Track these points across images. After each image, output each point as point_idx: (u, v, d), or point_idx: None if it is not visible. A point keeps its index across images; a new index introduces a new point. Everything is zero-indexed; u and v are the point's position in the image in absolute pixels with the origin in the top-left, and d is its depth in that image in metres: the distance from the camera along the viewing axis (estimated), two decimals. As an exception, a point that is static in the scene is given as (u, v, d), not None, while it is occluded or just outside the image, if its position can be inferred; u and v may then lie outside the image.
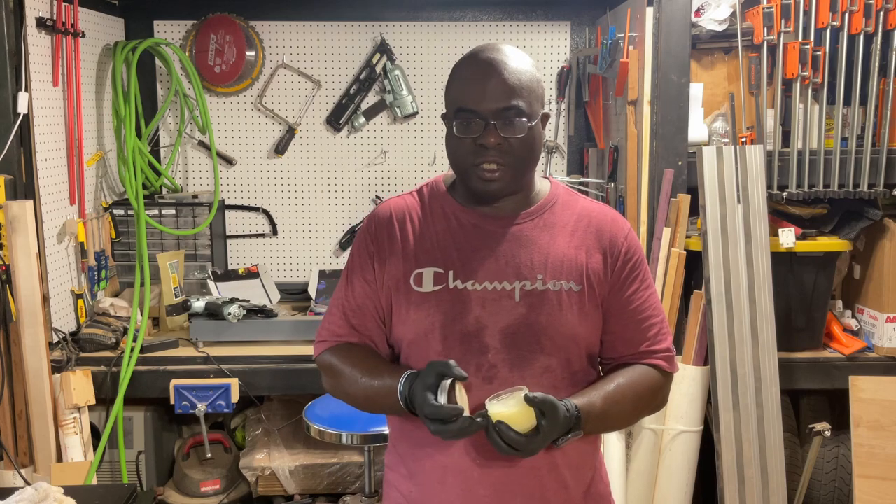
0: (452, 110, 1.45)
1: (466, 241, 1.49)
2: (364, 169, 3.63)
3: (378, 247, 1.53)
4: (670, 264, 2.80)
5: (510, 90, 1.41)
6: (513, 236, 1.49)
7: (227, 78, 3.49)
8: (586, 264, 1.49)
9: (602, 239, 1.52)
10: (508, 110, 1.41)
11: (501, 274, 1.47)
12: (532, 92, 1.44)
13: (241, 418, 3.34)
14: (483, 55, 1.45)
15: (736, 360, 2.70)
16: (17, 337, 2.60)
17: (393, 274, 1.50)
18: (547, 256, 1.48)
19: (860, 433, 2.77)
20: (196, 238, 3.36)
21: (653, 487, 2.90)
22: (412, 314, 1.48)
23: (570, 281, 1.47)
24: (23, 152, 2.71)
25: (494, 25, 3.57)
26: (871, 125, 2.84)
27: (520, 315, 1.45)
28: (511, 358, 1.44)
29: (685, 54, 2.79)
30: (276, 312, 3.09)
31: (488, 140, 1.41)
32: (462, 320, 1.45)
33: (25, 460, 2.64)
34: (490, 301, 1.46)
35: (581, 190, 3.50)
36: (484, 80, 1.42)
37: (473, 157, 1.44)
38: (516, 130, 1.42)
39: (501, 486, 1.46)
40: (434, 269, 1.48)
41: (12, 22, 2.64)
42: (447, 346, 1.45)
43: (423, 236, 1.51)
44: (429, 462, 1.49)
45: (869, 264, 3.00)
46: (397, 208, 1.56)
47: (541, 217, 1.52)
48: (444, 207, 1.53)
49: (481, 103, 1.41)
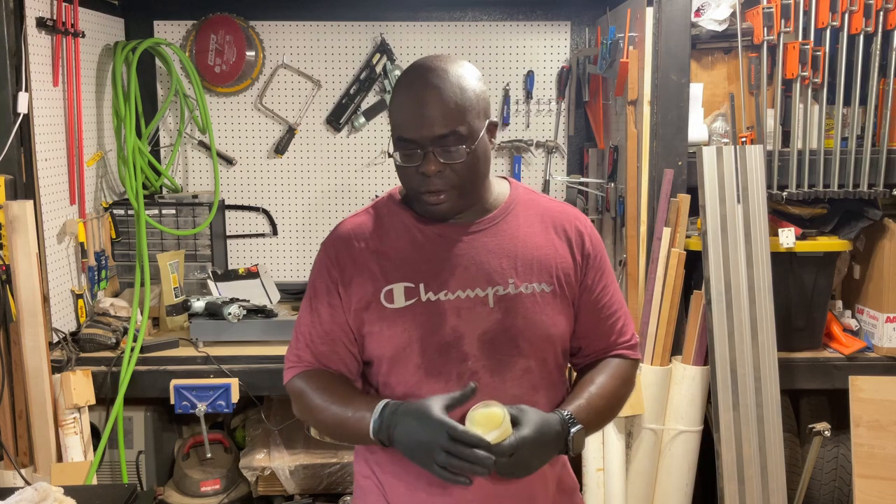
0: (394, 137, 1.44)
1: (433, 252, 1.48)
2: (364, 169, 3.63)
3: (341, 270, 1.50)
4: (670, 264, 2.80)
5: (448, 116, 1.38)
6: (479, 243, 1.49)
7: (227, 78, 3.50)
8: (555, 264, 1.50)
9: (567, 238, 1.53)
10: (446, 137, 1.39)
11: (473, 281, 1.46)
12: (471, 110, 1.41)
13: (241, 418, 3.34)
14: (421, 78, 1.41)
15: (736, 360, 2.70)
16: (17, 337, 2.60)
17: (361, 295, 1.48)
18: (515, 259, 1.48)
19: (860, 433, 2.77)
20: (196, 238, 3.36)
21: (653, 487, 2.90)
22: (386, 331, 1.46)
23: (541, 283, 1.48)
24: (23, 152, 2.70)
25: (494, 25, 3.57)
26: (871, 125, 2.84)
27: (496, 321, 1.45)
28: (491, 364, 1.45)
29: (685, 54, 2.79)
30: (276, 312, 3.09)
31: (428, 168, 1.40)
32: (439, 331, 1.45)
33: (25, 460, 2.64)
34: (465, 309, 1.45)
35: (581, 190, 3.50)
36: (420, 107, 1.39)
37: (418, 185, 1.43)
38: (455, 157, 1.40)
39: (490, 491, 1.45)
40: (404, 283, 1.47)
41: (12, 22, 2.64)
42: (426, 358, 1.45)
43: (386, 253, 1.49)
44: (414, 474, 1.46)
45: (869, 264, 3.00)
46: (355, 228, 1.54)
47: (504, 220, 1.52)
48: (404, 221, 1.52)
49: (419, 131, 1.39)
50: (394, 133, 1.45)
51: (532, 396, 1.47)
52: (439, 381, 1.44)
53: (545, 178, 3.58)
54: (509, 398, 1.43)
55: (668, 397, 2.85)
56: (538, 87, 3.59)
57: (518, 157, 3.60)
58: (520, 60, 3.58)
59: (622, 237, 3.10)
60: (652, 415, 2.83)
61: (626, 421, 2.86)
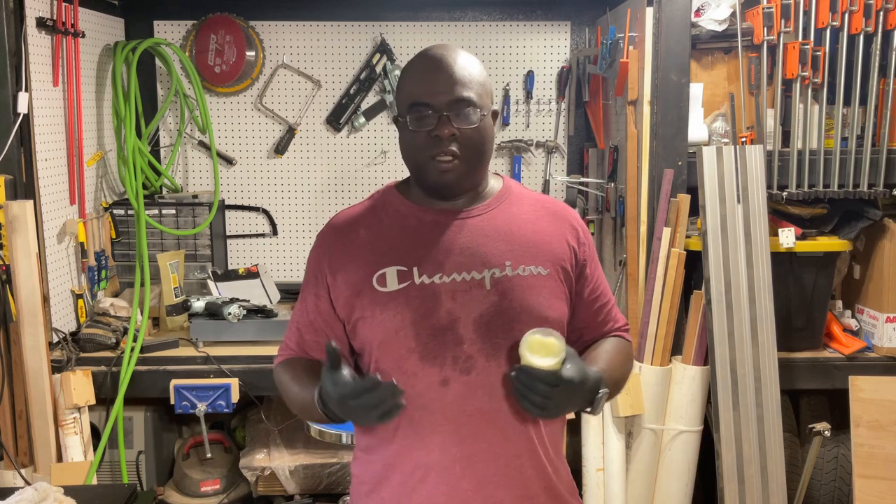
0: (406, 106, 1.48)
1: (428, 237, 1.50)
2: (364, 169, 3.63)
3: (330, 259, 1.53)
4: (670, 264, 2.80)
5: (461, 82, 1.45)
6: (474, 227, 1.50)
7: (227, 78, 3.50)
8: (551, 249, 1.52)
9: (562, 224, 1.56)
10: (460, 101, 1.44)
11: (469, 264, 1.47)
12: (482, 86, 1.48)
13: (241, 418, 3.34)
14: (432, 52, 1.50)
15: (736, 360, 2.70)
16: (17, 337, 2.60)
17: (352, 281, 1.49)
18: (511, 243, 1.50)
19: (860, 433, 2.77)
20: (196, 238, 3.36)
21: (653, 487, 2.90)
22: (379, 315, 1.46)
23: (538, 266, 1.49)
24: (23, 152, 2.71)
25: (494, 25, 3.57)
26: (871, 125, 2.84)
27: (492, 303, 1.45)
28: (486, 347, 1.44)
29: (685, 54, 2.79)
30: (276, 312, 3.09)
31: (442, 131, 1.43)
32: (433, 314, 1.45)
33: (25, 460, 2.64)
34: (460, 292, 1.46)
35: (581, 190, 3.50)
36: (435, 73, 1.46)
37: (429, 150, 1.45)
38: (469, 121, 1.44)
39: (485, 479, 1.46)
40: (397, 267, 1.47)
41: (12, 22, 2.64)
42: (420, 342, 1.44)
43: (380, 238, 1.52)
44: (408, 462, 1.47)
45: (869, 264, 3.00)
46: (349, 217, 1.58)
47: (498, 207, 1.54)
48: (399, 209, 1.54)
49: (434, 96, 1.44)
50: (404, 102, 1.48)
51: None
52: (434, 366, 1.44)
53: (545, 178, 3.58)
54: (505, 382, 1.44)
55: (668, 397, 2.85)
56: (538, 87, 3.59)
57: (518, 157, 3.60)
58: (520, 60, 3.58)
59: (622, 237, 3.10)
60: (652, 415, 2.83)
61: (626, 421, 2.86)
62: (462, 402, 1.43)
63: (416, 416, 1.44)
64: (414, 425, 1.45)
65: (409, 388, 1.41)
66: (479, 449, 1.44)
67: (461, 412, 1.44)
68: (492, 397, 1.44)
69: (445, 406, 1.44)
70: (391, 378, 1.39)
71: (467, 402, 1.44)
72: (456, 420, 1.44)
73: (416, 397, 1.43)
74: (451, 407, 1.44)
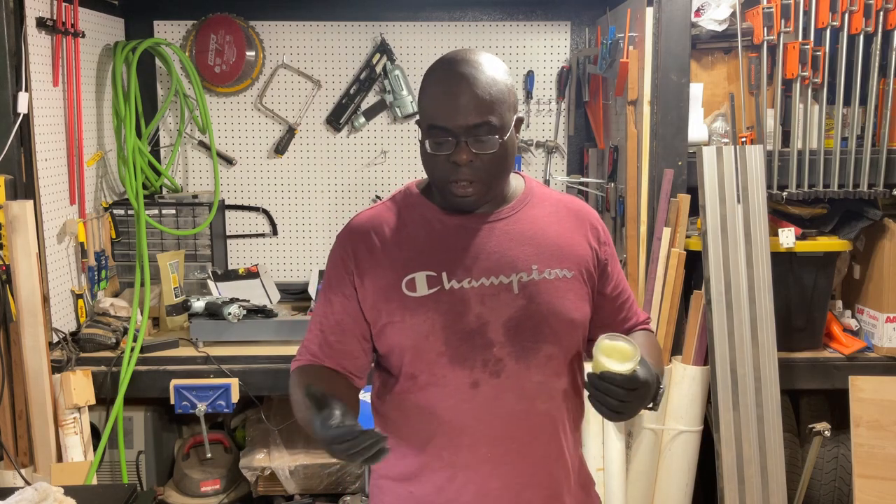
0: (425, 125, 1.45)
1: (454, 242, 1.49)
2: (364, 169, 3.63)
3: (357, 261, 1.50)
4: (670, 264, 2.80)
5: (481, 106, 1.39)
6: (500, 231, 1.50)
7: (227, 78, 3.50)
8: (575, 252, 1.52)
9: (583, 225, 1.56)
10: (479, 127, 1.40)
11: (496, 269, 1.47)
12: (504, 103, 1.42)
13: (241, 418, 3.34)
14: (455, 69, 1.42)
15: (736, 360, 2.70)
16: (17, 337, 2.60)
17: (380, 285, 1.48)
18: (537, 247, 1.50)
19: (860, 433, 2.77)
20: (196, 238, 3.36)
21: (653, 487, 2.90)
22: (409, 320, 1.46)
23: (563, 269, 1.50)
24: (23, 152, 2.71)
25: (494, 25, 3.57)
26: (871, 125, 2.84)
27: (520, 307, 1.46)
28: (516, 350, 1.45)
29: (685, 54, 2.79)
30: (276, 312, 3.09)
31: (460, 157, 1.40)
32: (463, 319, 1.45)
33: (25, 460, 2.64)
34: (489, 296, 1.46)
35: (581, 190, 3.50)
36: (455, 96, 1.40)
37: (447, 174, 1.43)
38: (487, 147, 1.41)
39: (513, 479, 1.47)
40: (426, 272, 1.46)
41: (12, 22, 2.64)
42: (450, 346, 1.44)
43: (406, 242, 1.50)
44: (436, 461, 1.48)
45: (869, 264, 3.00)
46: (372, 219, 1.54)
47: (522, 210, 1.53)
48: (424, 213, 1.52)
49: (452, 120, 1.39)
50: (424, 121, 1.45)
51: (555, 383, 1.48)
52: (464, 369, 1.44)
53: (545, 178, 3.58)
54: (533, 385, 1.45)
55: (668, 397, 2.85)
56: (538, 87, 3.59)
57: (518, 157, 3.60)
58: (520, 60, 3.58)
59: (622, 237, 3.10)
60: (652, 415, 2.83)
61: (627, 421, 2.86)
62: (492, 405, 1.44)
63: (447, 417, 1.45)
64: (444, 426, 1.46)
65: (439, 390, 1.44)
66: (507, 450, 1.45)
67: (491, 414, 1.45)
68: (521, 399, 1.45)
69: (475, 408, 1.45)
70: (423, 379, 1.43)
71: (497, 404, 1.45)
72: (485, 421, 1.45)
73: (446, 398, 1.44)
74: (480, 409, 1.44)
